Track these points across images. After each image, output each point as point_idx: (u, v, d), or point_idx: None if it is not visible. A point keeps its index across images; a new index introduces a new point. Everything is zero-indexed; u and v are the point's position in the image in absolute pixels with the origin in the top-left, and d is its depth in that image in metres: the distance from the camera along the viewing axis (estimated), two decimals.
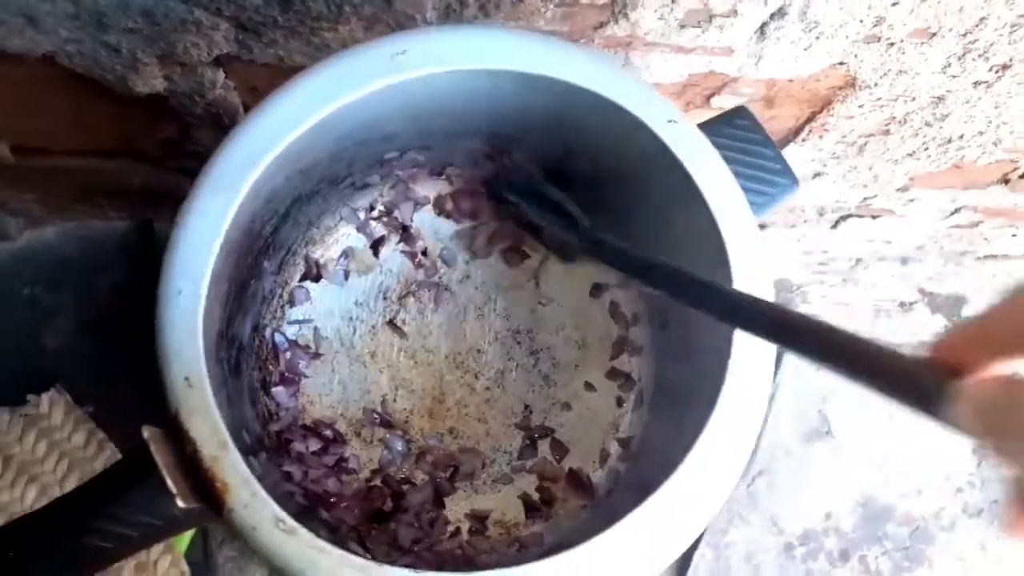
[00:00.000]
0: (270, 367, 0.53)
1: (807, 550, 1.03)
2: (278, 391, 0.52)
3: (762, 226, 0.49)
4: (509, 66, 0.43)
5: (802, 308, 1.06)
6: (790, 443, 1.05)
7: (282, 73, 0.58)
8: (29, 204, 0.85)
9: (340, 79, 0.41)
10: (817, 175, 0.74)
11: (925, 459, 1.07)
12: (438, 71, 0.42)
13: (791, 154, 0.69)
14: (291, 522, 0.36)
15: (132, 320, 0.87)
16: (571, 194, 0.56)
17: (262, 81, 0.60)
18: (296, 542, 0.36)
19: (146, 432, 0.37)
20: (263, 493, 0.36)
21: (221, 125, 0.65)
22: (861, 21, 0.53)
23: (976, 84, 0.61)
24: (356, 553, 0.36)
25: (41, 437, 0.82)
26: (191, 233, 0.39)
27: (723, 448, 0.40)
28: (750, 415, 0.40)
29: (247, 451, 0.45)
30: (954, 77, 0.59)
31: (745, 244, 0.42)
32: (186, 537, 0.84)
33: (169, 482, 0.36)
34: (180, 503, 0.36)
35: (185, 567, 0.81)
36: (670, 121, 0.43)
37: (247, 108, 0.63)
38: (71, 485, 0.82)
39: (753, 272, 0.41)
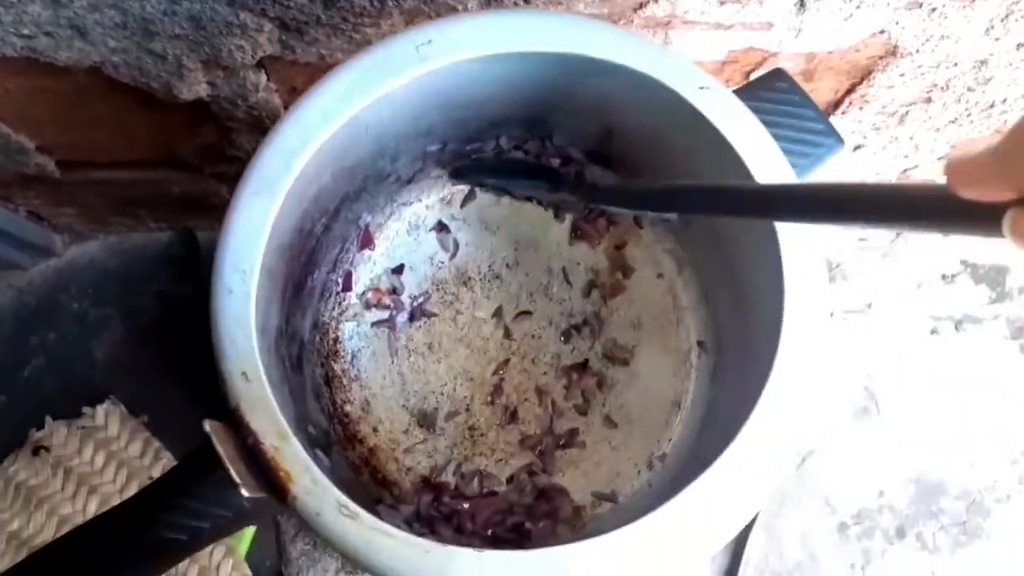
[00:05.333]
0: (332, 363, 0.53)
1: (862, 529, 1.02)
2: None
3: None
4: (534, 47, 0.42)
5: (841, 285, 1.05)
6: (838, 421, 1.04)
7: (322, 72, 0.59)
8: (71, 219, 0.87)
9: (367, 74, 0.41)
10: (857, 147, 0.73)
11: (976, 431, 1.05)
12: (465, 57, 0.42)
13: None
14: (354, 507, 0.37)
15: (179, 327, 0.89)
16: (615, 172, 0.56)
17: (302, 81, 0.60)
18: (358, 525, 0.36)
19: (207, 426, 0.37)
20: (325, 479, 0.37)
21: (262, 128, 0.66)
22: None
23: (1019, 46, 0.60)
24: (420, 535, 0.37)
25: (99, 448, 0.83)
26: (238, 233, 0.40)
27: (780, 417, 0.40)
28: (805, 382, 0.40)
29: (314, 444, 0.46)
30: (997, 40, 0.59)
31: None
32: (246, 540, 0.85)
33: (233, 473, 0.36)
34: (245, 492, 0.36)
35: (247, 570, 0.82)
36: (702, 88, 0.42)
37: (288, 109, 0.64)
38: (131, 494, 0.83)
39: (800, 238, 0.41)
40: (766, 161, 0.42)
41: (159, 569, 0.37)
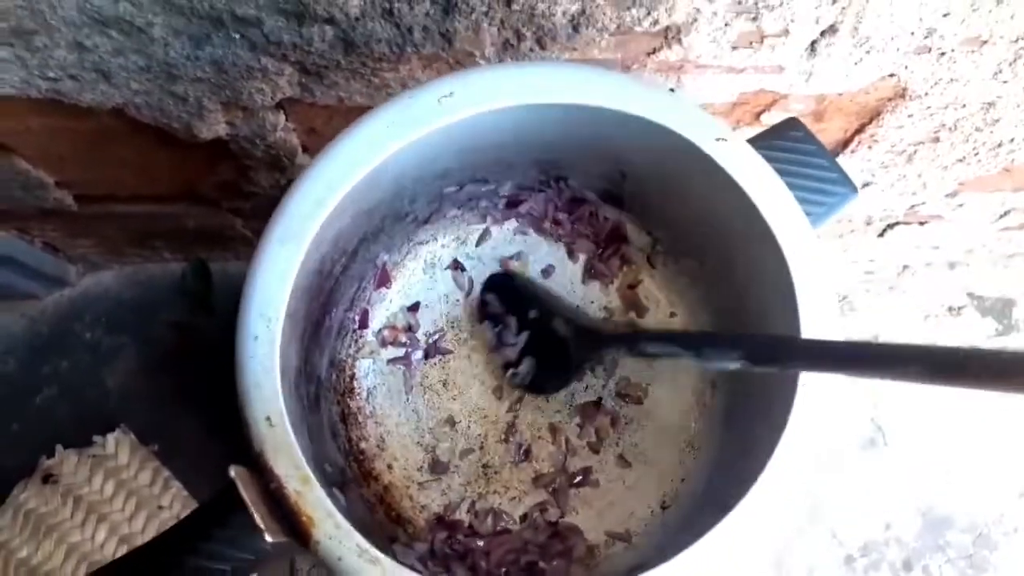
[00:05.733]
0: (348, 400, 0.54)
1: (869, 561, 1.02)
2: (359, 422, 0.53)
3: None
4: (552, 99, 0.43)
5: (849, 317, 1.05)
6: (845, 453, 1.04)
7: (341, 113, 0.60)
8: (86, 250, 0.88)
9: (391, 126, 0.42)
10: (866, 185, 0.74)
11: (983, 464, 1.05)
12: (485, 110, 0.43)
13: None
14: (374, 552, 0.37)
15: (191, 357, 0.89)
16: (629, 215, 0.57)
17: (321, 122, 0.62)
18: (380, 571, 0.37)
19: (232, 471, 0.38)
20: (346, 524, 0.37)
21: (279, 166, 0.67)
22: (912, 33, 0.53)
23: None
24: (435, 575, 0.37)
25: (109, 477, 0.84)
26: (263, 280, 0.40)
27: (799, 457, 0.40)
28: (820, 423, 0.41)
29: (331, 483, 0.46)
30: (1005, 83, 0.60)
31: (805, 255, 0.42)
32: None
33: (257, 519, 0.37)
34: (268, 538, 0.37)
35: None
36: (719, 139, 0.43)
37: (305, 148, 0.65)
38: (140, 523, 0.83)
39: (815, 283, 0.42)
40: (781, 210, 0.43)
41: None
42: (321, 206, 0.40)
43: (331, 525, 0.37)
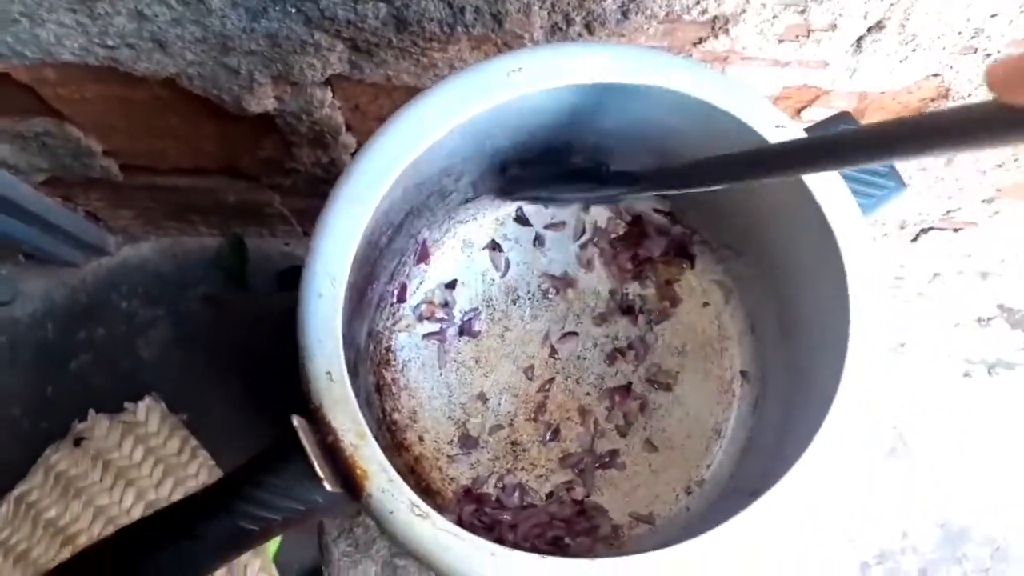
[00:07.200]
0: (383, 371, 0.55)
1: (884, 569, 1.01)
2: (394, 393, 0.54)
3: None
4: (617, 79, 0.44)
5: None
6: (865, 460, 1.04)
7: (386, 92, 0.61)
8: (127, 221, 0.89)
9: (461, 96, 0.43)
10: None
11: (1004, 477, 1.05)
12: (553, 86, 0.44)
13: None
14: (425, 507, 0.38)
15: (224, 331, 0.91)
16: (670, 203, 0.57)
17: (366, 100, 0.63)
18: (431, 526, 0.38)
19: (295, 420, 0.39)
20: (399, 480, 0.38)
21: (322, 143, 0.68)
22: (959, 33, 0.54)
23: None
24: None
25: (138, 443, 0.85)
26: (331, 239, 0.41)
27: (839, 447, 0.41)
28: (866, 410, 0.41)
29: None
30: None
31: (858, 243, 0.42)
32: (276, 542, 0.87)
33: (317, 467, 0.38)
34: (327, 487, 0.38)
35: (275, 572, 0.83)
36: (778, 126, 0.44)
37: (349, 127, 0.66)
38: (166, 489, 0.85)
39: (868, 271, 0.42)
40: (836, 199, 0.43)
41: (227, 557, 0.38)
42: (389, 171, 0.41)
43: (385, 479, 0.38)
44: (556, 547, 0.52)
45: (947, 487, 1.04)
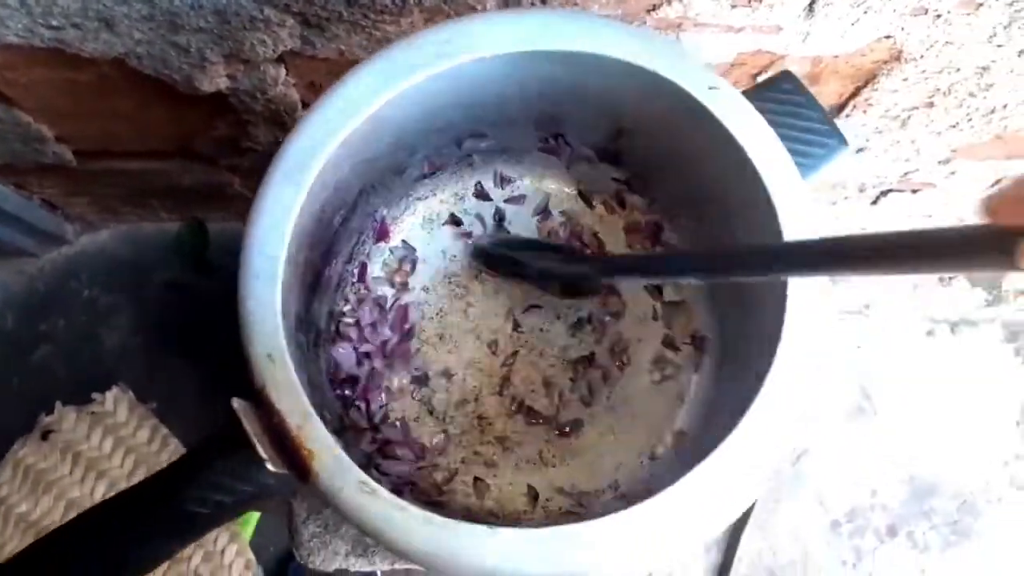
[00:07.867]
0: None
1: (854, 527, 1.04)
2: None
3: None
4: (550, 46, 0.44)
5: (840, 285, 1.06)
6: (833, 420, 1.06)
7: (340, 67, 0.60)
8: (84, 208, 0.88)
9: (389, 71, 0.43)
10: (860, 150, 0.75)
11: (970, 433, 1.07)
12: (481, 56, 0.43)
13: None
14: (373, 484, 0.38)
15: (188, 316, 0.90)
16: (624, 171, 0.57)
17: (320, 76, 0.62)
18: (380, 502, 0.38)
19: (235, 404, 0.39)
20: (346, 458, 0.38)
21: (279, 121, 0.67)
22: None
23: (1021, 53, 0.61)
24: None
25: (107, 434, 0.85)
26: (265, 219, 0.41)
27: (778, 411, 0.41)
28: (803, 378, 0.41)
29: (330, 431, 0.47)
30: (1000, 47, 0.60)
31: (793, 202, 0.42)
32: (250, 525, 0.87)
33: (259, 449, 0.38)
34: (270, 468, 0.38)
35: (251, 555, 0.83)
36: (711, 88, 0.44)
37: (305, 104, 0.65)
38: (138, 479, 0.84)
39: (804, 232, 0.42)
40: (772, 160, 0.43)
41: (183, 540, 0.38)
42: (322, 148, 0.41)
43: (331, 458, 0.38)
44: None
45: (914, 444, 1.07)
